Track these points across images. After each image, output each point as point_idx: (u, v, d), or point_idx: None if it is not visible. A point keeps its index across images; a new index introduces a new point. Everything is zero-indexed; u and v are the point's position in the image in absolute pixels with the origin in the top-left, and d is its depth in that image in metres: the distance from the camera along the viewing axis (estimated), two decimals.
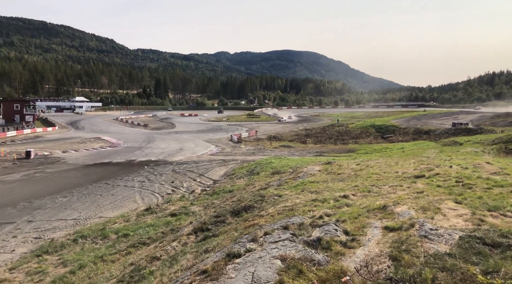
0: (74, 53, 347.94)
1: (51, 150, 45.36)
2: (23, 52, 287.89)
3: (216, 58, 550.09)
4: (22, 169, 33.24)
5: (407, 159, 22.03)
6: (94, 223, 18.23)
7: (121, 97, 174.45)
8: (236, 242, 7.66)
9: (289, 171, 23.35)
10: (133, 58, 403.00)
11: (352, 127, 67.55)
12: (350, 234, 7.29)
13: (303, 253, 6.17)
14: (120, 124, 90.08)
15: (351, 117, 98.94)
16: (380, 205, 9.41)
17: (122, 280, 9.31)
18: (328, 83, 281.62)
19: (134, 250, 13.07)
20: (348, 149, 43.17)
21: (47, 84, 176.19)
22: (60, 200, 22.75)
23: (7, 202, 21.98)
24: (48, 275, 11.82)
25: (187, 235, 12.54)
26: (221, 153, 44.15)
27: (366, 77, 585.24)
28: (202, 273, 5.89)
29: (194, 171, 31.90)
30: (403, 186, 12.44)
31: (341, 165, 21.53)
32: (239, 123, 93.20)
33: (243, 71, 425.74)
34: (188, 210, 18.23)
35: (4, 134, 59.07)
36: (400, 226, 7.34)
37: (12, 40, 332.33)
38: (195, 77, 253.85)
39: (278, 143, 52.52)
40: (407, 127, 61.46)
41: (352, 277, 5.28)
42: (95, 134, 63.86)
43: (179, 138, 59.71)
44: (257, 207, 13.49)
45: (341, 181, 15.40)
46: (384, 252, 6.11)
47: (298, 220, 8.61)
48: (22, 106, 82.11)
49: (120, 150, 47.19)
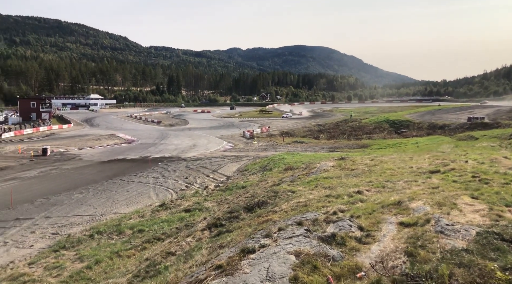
0: (88, 51, 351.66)
1: (67, 147, 46.03)
2: (38, 51, 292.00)
3: (228, 55, 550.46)
4: (39, 165, 33.82)
5: (421, 154, 21.79)
6: (110, 218, 18.47)
7: (135, 95, 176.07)
8: (250, 237, 7.68)
9: (302, 167, 23.30)
10: (146, 55, 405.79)
11: (366, 123, 67.00)
12: (364, 229, 7.25)
13: (318, 248, 6.17)
14: (134, 121, 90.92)
15: (365, 112, 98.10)
16: (395, 201, 9.33)
17: (138, 275, 9.42)
18: (341, 78, 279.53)
19: (149, 245, 13.21)
20: (362, 144, 42.86)
21: (62, 82, 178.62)
22: (76, 196, 23.10)
23: (25, 198, 22.41)
24: (65, 270, 12.03)
25: (201, 230, 12.62)
26: (234, 149, 44.25)
27: (379, 72, 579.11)
28: (217, 268, 5.93)
29: (207, 167, 32.05)
30: (418, 181, 12.30)
31: (355, 160, 21.39)
32: (252, 119, 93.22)
33: (255, 68, 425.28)
34: (202, 205, 18.34)
35: (21, 132, 60.17)
36: (416, 221, 7.27)
37: (28, 39, 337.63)
38: (208, 74, 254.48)
39: (291, 139, 52.42)
40: (422, 122, 60.71)
41: (367, 272, 5.26)
42: (109, 131, 64.58)
43: (192, 135, 60.02)
44: (270, 203, 13.51)
45: (354, 177, 15.30)
46: (399, 248, 6.06)
47: (312, 215, 8.59)
48: (38, 104, 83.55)
49: (134, 146, 47.66)
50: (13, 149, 43.64)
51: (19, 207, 20.65)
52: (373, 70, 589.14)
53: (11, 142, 50.70)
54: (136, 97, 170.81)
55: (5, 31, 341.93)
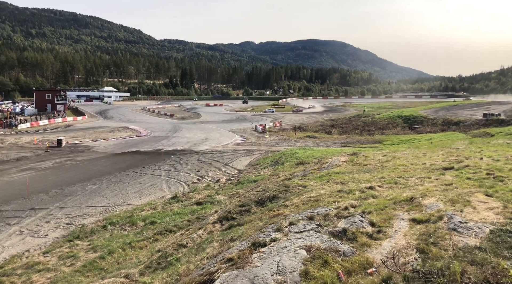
0: (103, 44, 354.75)
1: (81, 139, 46.62)
2: (54, 43, 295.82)
3: (241, 48, 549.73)
4: (54, 156, 34.33)
5: (435, 150, 21.53)
6: (123, 210, 18.70)
7: (148, 88, 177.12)
8: (261, 231, 7.72)
9: (314, 162, 23.25)
10: (159, 48, 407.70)
11: (379, 118, 66.44)
12: (376, 225, 7.22)
13: (329, 243, 6.17)
14: (147, 114, 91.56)
15: (378, 107, 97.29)
16: (407, 197, 9.26)
17: (150, 266, 9.54)
18: (355, 73, 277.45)
19: (161, 237, 13.36)
20: (374, 140, 42.55)
21: (77, 75, 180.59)
22: (90, 187, 23.42)
23: (40, 188, 22.80)
24: (79, 260, 12.24)
25: (213, 223, 12.71)
26: (246, 143, 44.31)
27: (394, 67, 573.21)
28: (228, 261, 5.98)
29: (219, 160, 32.17)
30: (431, 177, 12.18)
31: (367, 156, 21.26)
32: (264, 113, 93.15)
33: (268, 61, 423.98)
34: (213, 199, 18.45)
35: (37, 123, 61.09)
36: (428, 218, 7.21)
37: (44, 32, 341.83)
38: (220, 68, 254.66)
39: (303, 133, 52.26)
40: (436, 118, 59.97)
41: (378, 268, 5.24)
42: (123, 124, 65.18)
43: (205, 128, 60.25)
44: (281, 197, 13.53)
45: (367, 172, 15.22)
46: (411, 244, 6.03)
47: (323, 210, 8.58)
48: (53, 96, 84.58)
49: (147, 139, 48.05)
50: (29, 139, 44.36)
51: (35, 197, 21.02)
52: (387, 65, 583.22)
53: (27, 133, 51.54)
54: (149, 90, 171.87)
55: (22, 23, 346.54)
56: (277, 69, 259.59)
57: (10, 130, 53.05)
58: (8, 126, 55.31)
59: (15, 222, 16.99)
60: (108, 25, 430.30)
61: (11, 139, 43.92)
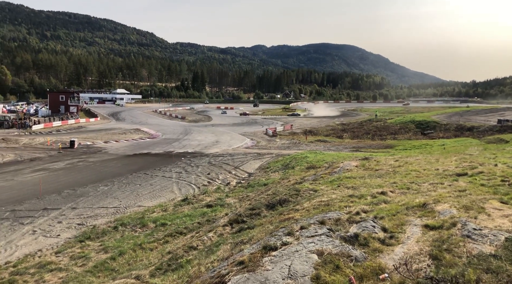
0: (116, 47, 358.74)
1: (93, 140, 47.10)
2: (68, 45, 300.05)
3: (252, 52, 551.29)
4: (67, 157, 34.74)
5: (448, 156, 21.29)
6: (134, 211, 18.83)
7: (160, 90, 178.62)
8: (272, 235, 7.70)
9: (324, 166, 23.16)
10: (172, 51, 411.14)
11: (391, 123, 65.95)
12: (388, 231, 7.15)
13: (340, 248, 6.13)
14: (159, 116, 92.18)
15: (390, 112, 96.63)
16: (420, 203, 9.16)
17: (160, 267, 9.58)
18: (367, 77, 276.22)
19: (172, 239, 13.41)
20: (386, 145, 42.21)
21: (90, 77, 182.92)
22: (101, 188, 23.63)
23: (53, 189, 23.07)
24: (90, 260, 12.34)
25: (223, 226, 12.72)
26: (256, 146, 44.33)
27: (406, 72, 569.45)
28: (239, 264, 5.97)
29: (230, 163, 32.22)
30: (444, 183, 12.04)
31: (379, 160, 21.10)
32: (274, 117, 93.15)
33: (279, 65, 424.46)
34: (223, 201, 18.48)
35: (50, 124, 61.92)
36: (441, 224, 7.12)
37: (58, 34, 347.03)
38: (232, 71, 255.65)
39: (314, 137, 52.09)
40: (449, 124, 59.29)
41: (391, 274, 5.19)
42: (135, 126, 65.71)
43: (215, 131, 60.43)
44: (292, 201, 13.48)
45: (378, 177, 15.10)
46: (424, 251, 5.96)
47: (334, 215, 8.54)
48: (67, 98, 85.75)
49: (159, 141, 48.35)
50: (42, 140, 44.96)
51: (47, 197, 21.28)
52: (400, 69, 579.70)
53: (41, 134, 52.24)
54: (161, 93, 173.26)
55: (37, 25, 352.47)
56: (288, 73, 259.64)
57: (24, 131, 53.85)
58: (23, 127, 56.14)
59: (28, 222, 17.21)
60: (121, 28, 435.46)
61: (25, 140, 44.57)
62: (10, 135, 47.68)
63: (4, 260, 13.15)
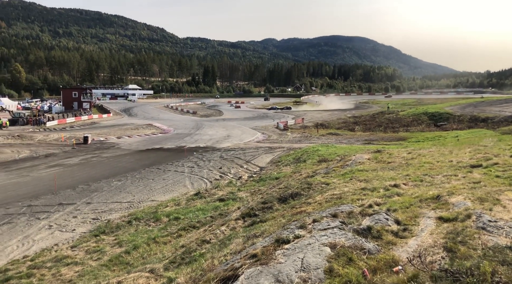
0: (127, 42, 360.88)
1: (107, 136, 47.60)
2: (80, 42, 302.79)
3: (263, 45, 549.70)
4: (81, 153, 35.19)
5: (462, 148, 21.01)
6: (147, 206, 19.02)
7: (171, 85, 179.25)
8: (285, 228, 7.71)
9: (336, 159, 23.06)
10: (182, 46, 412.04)
11: (403, 115, 65.31)
12: (401, 223, 7.11)
13: (353, 241, 6.11)
14: (170, 111, 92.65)
15: (402, 104, 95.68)
16: (433, 195, 9.07)
17: (174, 261, 9.68)
18: (378, 69, 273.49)
19: (185, 233, 13.52)
20: (399, 137, 41.84)
21: (102, 73, 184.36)
22: (115, 183, 23.90)
23: (68, 184, 23.42)
24: (105, 254, 12.52)
25: (235, 220, 12.78)
26: (268, 140, 44.32)
27: (418, 63, 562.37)
28: (252, 257, 6.00)
29: (241, 157, 32.29)
30: (458, 175, 11.88)
31: (392, 153, 20.94)
32: (286, 110, 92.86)
33: (290, 58, 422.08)
34: (235, 195, 18.54)
35: (64, 121, 62.71)
36: (456, 216, 7.04)
37: (70, 31, 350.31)
38: (242, 65, 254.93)
39: (325, 131, 51.86)
40: (462, 115, 58.47)
41: (405, 267, 5.16)
42: (147, 121, 66.18)
43: (226, 125, 60.54)
44: (304, 195, 13.47)
45: (391, 170, 14.98)
46: (438, 243, 5.91)
47: (347, 208, 8.51)
48: (80, 94, 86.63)
49: (171, 136, 48.65)
50: (56, 136, 45.59)
51: (62, 193, 21.61)
52: (412, 61, 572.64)
53: (55, 130, 52.97)
54: (172, 88, 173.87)
55: (49, 23, 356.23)
56: (299, 66, 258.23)
57: (39, 128, 54.65)
58: (37, 124, 56.97)
59: (44, 217, 17.52)
60: (132, 24, 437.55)
61: (40, 137, 45.25)
62: (25, 132, 48.46)
63: (22, 254, 13.43)
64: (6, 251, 13.89)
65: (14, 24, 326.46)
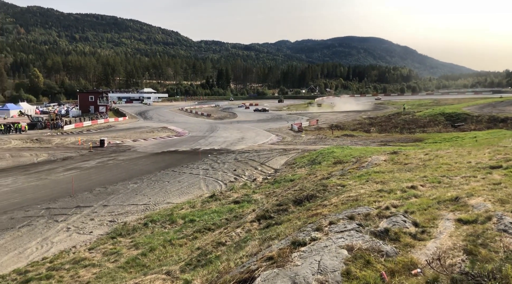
0: (142, 46, 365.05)
1: (122, 139, 48.14)
2: (96, 47, 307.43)
3: (276, 47, 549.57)
4: (97, 156, 35.65)
5: (480, 148, 20.61)
6: (163, 208, 19.15)
7: (186, 88, 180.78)
8: (301, 230, 7.66)
9: (352, 161, 22.87)
10: (196, 49, 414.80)
11: (420, 116, 64.42)
12: (419, 225, 6.99)
13: (371, 243, 6.03)
14: (185, 114, 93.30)
15: (418, 105, 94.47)
16: (452, 197, 8.91)
17: (190, 263, 9.70)
18: (394, 70, 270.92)
19: (200, 235, 13.55)
20: (415, 138, 41.30)
21: (118, 77, 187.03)
22: (131, 186, 24.13)
23: (85, 187, 23.74)
24: (122, 256, 12.63)
25: (250, 222, 12.77)
26: (282, 142, 44.22)
27: (435, 63, 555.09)
28: (268, 260, 5.97)
29: (255, 159, 32.28)
30: (477, 177, 11.65)
31: (408, 154, 20.67)
32: (300, 112, 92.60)
33: (304, 60, 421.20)
34: (250, 197, 18.52)
35: (81, 124, 63.70)
36: (475, 218, 6.90)
37: (87, 36, 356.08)
38: (256, 67, 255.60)
39: (340, 132, 51.50)
40: (481, 115, 57.37)
41: (423, 269, 5.07)
42: (162, 124, 66.74)
43: (240, 127, 60.65)
44: (319, 197, 13.38)
45: (408, 171, 14.78)
46: (458, 246, 5.79)
47: (363, 210, 8.42)
48: (96, 98, 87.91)
49: (185, 139, 48.95)
50: (73, 140, 46.31)
51: (80, 195, 21.91)
52: (428, 61, 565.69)
53: (72, 134, 53.82)
54: (187, 91, 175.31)
55: (66, 28, 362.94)
56: (313, 67, 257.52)
57: (57, 131, 55.61)
58: (55, 128, 57.99)
59: (62, 219, 17.77)
60: (147, 28, 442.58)
61: (57, 140, 46.02)
62: (43, 136, 49.33)
63: (41, 256, 13.64)
64: (26, 253, 14.13)
65: (33, 30, 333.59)
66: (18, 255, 14.02)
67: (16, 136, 48.06)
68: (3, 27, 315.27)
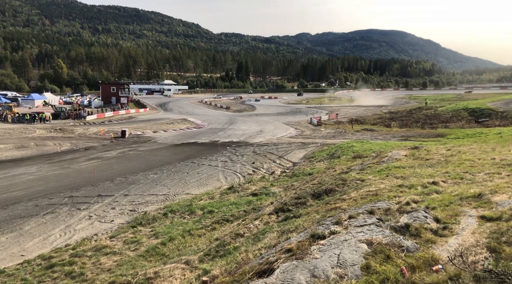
0: (163, 39, 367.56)
1: (143, 130, 48.77)
2: (118, 39, 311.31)
3: (297, 40, 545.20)
4: (118, 146, 36.24)
5: (505, 145, 20.12)
6: (182, 199, 19.35)
7: (205, 81, 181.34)
8: (320, 223, 7.66)
9: (372, 155, 22.63)
10: (216, 42, 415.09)
11: (442, 111, 63.10)
12: (441, 221, 6.90)
13: (391, 238, 5.99)
14: (204, 106, 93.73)
15: (441, 99, 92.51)
16: (475, 193, 8.74)
17: (209, 253, 9.81)
18: (416, 64, 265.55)
19: (219, 226, 13.67)
20: (437, 134, 40.55)
21: (139, 68, 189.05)
22: (151, 176, 24.47)
23: (106, 177, 24.18)
24: (142, 245, 12.85)
25: (269, 214, 12.81)
26: (301, 135, 44.04)
27: (459, 57, 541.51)
28: (287, 252, 6.00)
29: (274, 152, 32.27)
30: (501, 173, 11.41)
31: (430, 150, 20.33)
32: (319, 106, 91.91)
33: (324, 53, 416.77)
34: (268, 190, 18.55)
35: (103, 115, 64.74)
36: (500, 216, 6.76)
37: (109, 28, 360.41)
38: (276, 60, 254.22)
39: (360, 126, 50.93)
40: (506, 111, 55.81)
41: (445, 266, 5.01)
42: (182, 116, 67.27)
43: (259, 120, 60.62)
44: (338, 191, 13.32)
45: (429, 167, 14.56)
46: (480, 243, 5.70)
47: (383, 205, 8.35)
48: (117, 89, 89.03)
49: (205, 130, 49.26)
50: (95, 130, 47.17)
51: (101, 185, 22.34)
52: (452, 55, 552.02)
53: (94, 124, 54.81)
54: (206, 83, 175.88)
55: (89, 20, 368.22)
56: (334, 60, 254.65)
57: (79, 122, 56.73)
58: (78, 118, 59.15)
59: (85, 207, 18.17)
60: (168, 20, 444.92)
61: (80, 130, 46.96)
62: (66, 126, 50.43)
63: (64, 243, 14.01)
64: (50, 239, 14.53)
65: (57, 21, 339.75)
66: (42, 241, 14.42)
67: (41, 126, 49.27)
68: (29, 19, 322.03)
